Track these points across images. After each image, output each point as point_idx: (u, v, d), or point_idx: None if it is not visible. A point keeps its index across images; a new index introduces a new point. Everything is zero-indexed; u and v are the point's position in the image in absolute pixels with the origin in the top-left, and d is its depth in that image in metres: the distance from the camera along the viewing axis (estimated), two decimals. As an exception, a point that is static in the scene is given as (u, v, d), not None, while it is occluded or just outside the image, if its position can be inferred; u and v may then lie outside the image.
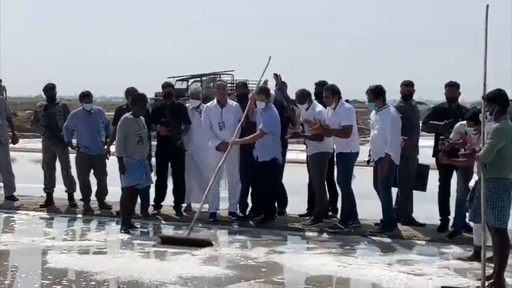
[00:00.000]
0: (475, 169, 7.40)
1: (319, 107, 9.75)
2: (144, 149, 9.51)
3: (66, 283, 7.04)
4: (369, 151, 9.61)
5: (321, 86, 10.08)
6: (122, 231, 9.44)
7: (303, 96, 9.79)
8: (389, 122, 9.07)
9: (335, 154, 9.74)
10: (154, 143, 10.70)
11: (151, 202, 10.55)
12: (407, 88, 9.77)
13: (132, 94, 10.37)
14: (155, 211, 10.53)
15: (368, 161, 9.70)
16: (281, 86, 10.21)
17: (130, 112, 9.58)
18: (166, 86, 10.81)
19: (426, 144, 9.97)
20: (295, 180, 11.20)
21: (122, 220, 9.60)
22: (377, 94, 9.25)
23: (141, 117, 9.61)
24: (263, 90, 9.92)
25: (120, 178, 9.76)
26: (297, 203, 10.66)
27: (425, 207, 10.04)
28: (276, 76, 10.15)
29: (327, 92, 9.57)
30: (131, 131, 9.39)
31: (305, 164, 10.36)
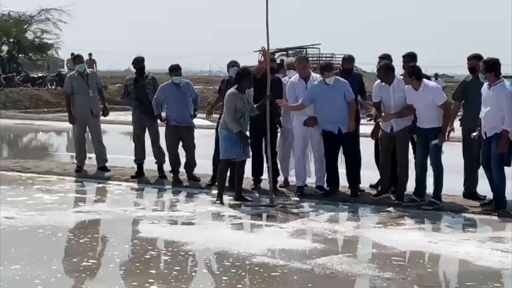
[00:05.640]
0: None
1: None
2: (244, 125, 9.56)
3: (158, 252, 7.20)
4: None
5: (409, 57, 9.90)
6: (217, 202, 9.54)
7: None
8: (505, 98, 8.60)
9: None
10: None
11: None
12: (470, 62, 9.56)
13: (234, 67, 10.40)
14: (254, 186, 10.49)
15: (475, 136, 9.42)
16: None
17: (235, 87, 9.55)
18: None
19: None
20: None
21: (218, 192, 9.70)
22: (487, 67, 8.74)
23: (247, 91, 9.62)
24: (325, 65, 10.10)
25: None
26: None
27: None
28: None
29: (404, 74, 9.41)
30: (239, 106, 9.42)
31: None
